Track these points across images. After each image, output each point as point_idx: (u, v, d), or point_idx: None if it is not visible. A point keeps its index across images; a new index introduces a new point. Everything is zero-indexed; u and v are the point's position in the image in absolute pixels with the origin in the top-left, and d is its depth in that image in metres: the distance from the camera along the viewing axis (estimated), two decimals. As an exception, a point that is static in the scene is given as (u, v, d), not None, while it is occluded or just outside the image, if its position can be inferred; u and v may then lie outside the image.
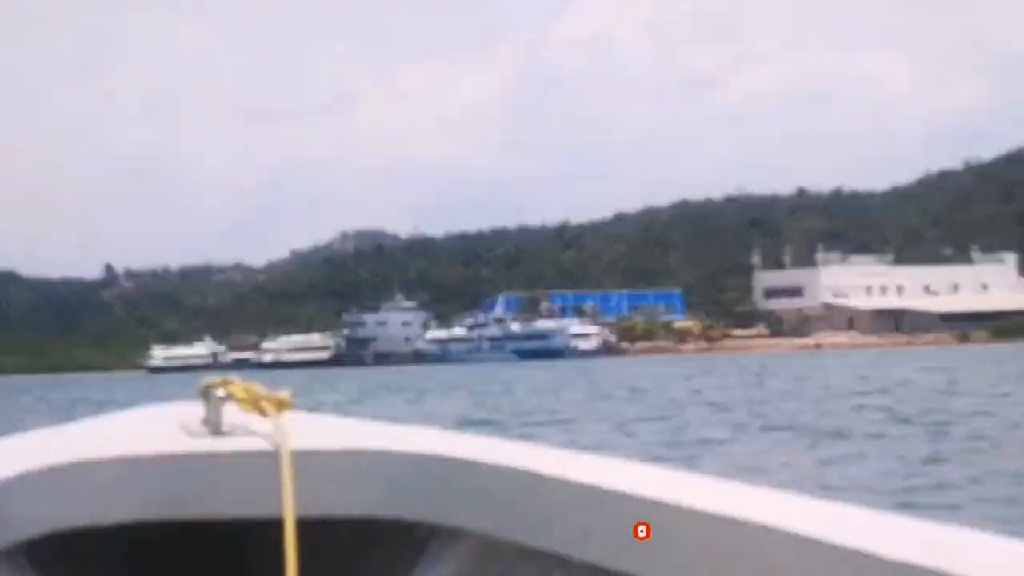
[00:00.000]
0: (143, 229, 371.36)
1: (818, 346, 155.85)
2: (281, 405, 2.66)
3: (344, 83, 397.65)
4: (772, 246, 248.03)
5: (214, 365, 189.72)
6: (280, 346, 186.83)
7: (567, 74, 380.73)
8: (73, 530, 2.51)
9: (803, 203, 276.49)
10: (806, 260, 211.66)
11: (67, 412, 42.76)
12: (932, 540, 1.86)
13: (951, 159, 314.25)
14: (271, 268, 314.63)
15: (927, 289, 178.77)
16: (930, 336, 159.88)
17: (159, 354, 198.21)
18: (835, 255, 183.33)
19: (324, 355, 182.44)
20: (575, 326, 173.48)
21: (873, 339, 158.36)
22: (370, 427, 2.93)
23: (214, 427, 2.67)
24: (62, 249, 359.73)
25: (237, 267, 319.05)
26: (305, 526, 2.40)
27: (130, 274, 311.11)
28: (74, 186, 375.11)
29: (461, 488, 2.53)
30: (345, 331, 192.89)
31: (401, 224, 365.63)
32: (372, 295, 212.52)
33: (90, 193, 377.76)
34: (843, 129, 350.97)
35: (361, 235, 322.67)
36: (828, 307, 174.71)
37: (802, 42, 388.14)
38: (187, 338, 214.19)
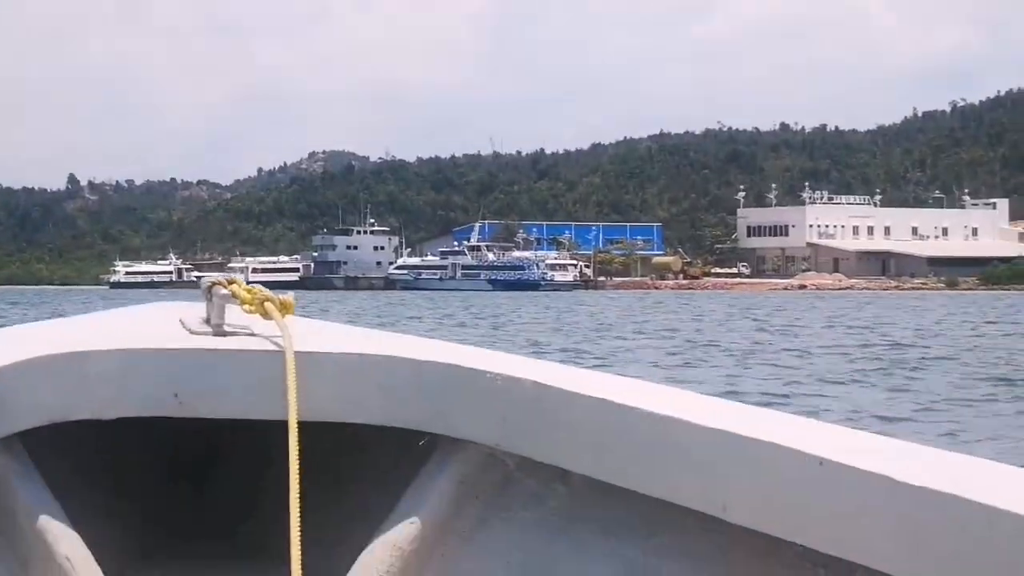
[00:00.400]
0: (109, 141, 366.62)
1: (803, 287, 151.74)
2: (285, 307, 2.67)
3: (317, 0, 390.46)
4: (752, 182, 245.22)
5: (178, 282, 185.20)
6: (246, 265, 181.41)
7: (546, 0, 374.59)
8: (73, 422, 2.51)
9: (785, 139, 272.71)
10: (788, 198, 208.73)
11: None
12: (949, 467, 1.86)
13: (938, 102, 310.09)
14: (238, 186, 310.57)
15: (915, 232, 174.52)
16: (917, 281, 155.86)
17: (122, 269, 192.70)
18: (820, 194, 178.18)
19: (292, 277, 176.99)
20: (551, 257, 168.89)
21: (859, 281, 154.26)
22: (374, 335, 2.97)
23: (217, 326, 2.67)
24: (25, 157, 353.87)
25: (203, 184, 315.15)
26: (307, 429, 2.40)
27: (94, 186, 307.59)
28: (42, 95, 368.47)
29: (465, 397, 2.53)
30: (314, 253, 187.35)
31: (372, 148, 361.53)
32: (340, 218, 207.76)
33: (56, 102, 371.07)
34: (828, 66, 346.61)
35: (330, 156, 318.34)
36: (813, 247, 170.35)
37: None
38: (150, 254, 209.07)
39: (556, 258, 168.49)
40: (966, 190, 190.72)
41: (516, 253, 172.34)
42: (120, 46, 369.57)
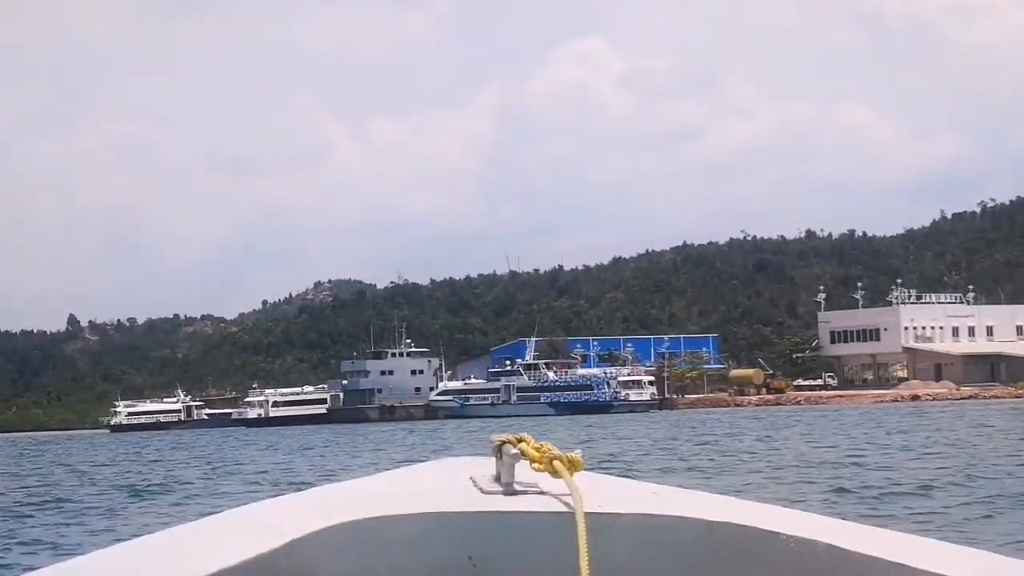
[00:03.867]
0: (110, 281, 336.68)
1: (915, 397, 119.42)
2: (574, 465, 2.55)
3: (318, 136, 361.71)
4: (783, 291, 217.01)
5: (187, 421, 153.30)
6: (266, 399, 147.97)
7: (547, 126, 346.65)
8: None
9: (813, 246, 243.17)
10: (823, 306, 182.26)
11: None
12: None
13: (942, 207, 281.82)
14: (243, 320, 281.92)
15: (1020, 331, 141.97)
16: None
17: (124, 410, 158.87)
18: (907, 292, 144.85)
19: (319, 409, 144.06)
20: (625, 374, 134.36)
21: (973, 390, 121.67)
22: (663, 491, 2.74)
23: (507, 486, 2.57)
24: (24, 300, 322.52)
25: (207, 319, 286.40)
26: None
27: (95, 326, 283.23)
28: (41, 236, 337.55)
29: (758, 560, 2.37)
30: (343, 381, 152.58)
31: (380, 275, 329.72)
32: (352, 345, 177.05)
33: (57, 243, 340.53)
34: (835, 178, 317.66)
35: (337, 285, 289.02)
36: (910, 352, 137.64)
37: (782, 95, 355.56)
38: (155, 393, 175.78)
39: (630, 373, 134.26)
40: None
41: (581, 371, 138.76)
42: (118, 186, 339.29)
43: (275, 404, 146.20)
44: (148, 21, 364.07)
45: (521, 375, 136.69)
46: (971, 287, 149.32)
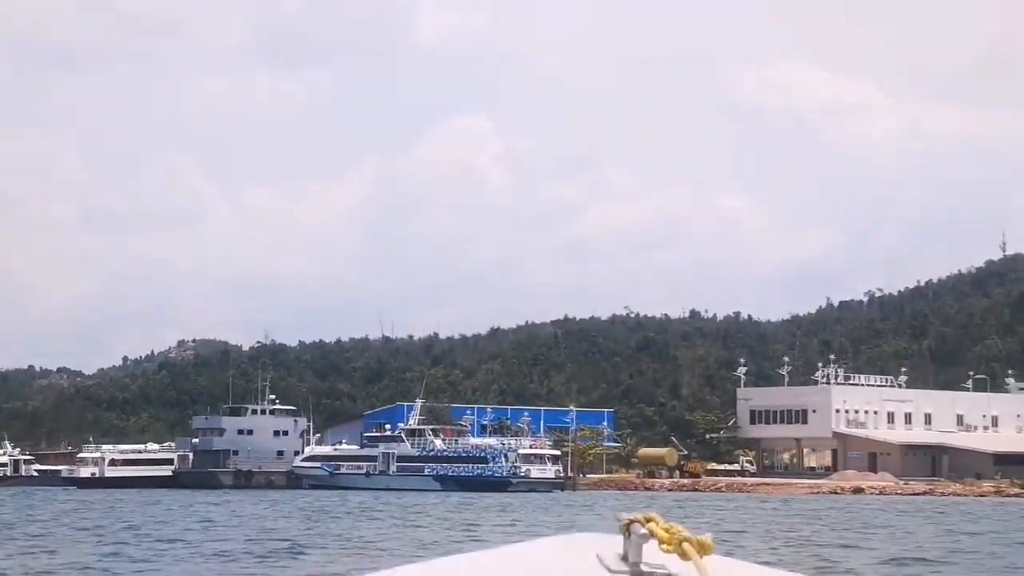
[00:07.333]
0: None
1: (858, 490, 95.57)
2: (703, 549, 2.32)
3: (192, 198, 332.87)
4: (667, 371, 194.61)
5: (15, 477, 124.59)
6: (103, 456, 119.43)
7: (426, 200, 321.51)
8: None
9: (698, 327, 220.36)
10: (707, 389, 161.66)
11: None
12: None
13: (852, 292, 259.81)
14: (101, 375, 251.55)
15: (960, 421, 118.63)
16: (988, 484, 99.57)
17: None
18: (834, 371, 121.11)
19: (163, 471, 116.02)
20: (527, 446, 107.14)
21: (923, 485, 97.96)
22: None
23: (635, 566, 2.37)
24: None
25: (63, 372, 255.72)
26: None
27: None
28: None
29: None
30: (194, 440, 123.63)
31: (246, 338, 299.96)
32: (213, 405, 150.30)
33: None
34: (712, 265, 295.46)
35: (201, 344, 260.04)
36: (841, 438, 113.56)
37: (659, 181, 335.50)
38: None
39: (532, 446, 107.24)
40: (1009, 372, 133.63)
41: (474, 440, 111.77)
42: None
43: (113, 463, 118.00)
44: (26, 74, 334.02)
45: (403, 441, 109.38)
46: (904, 370, 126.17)
